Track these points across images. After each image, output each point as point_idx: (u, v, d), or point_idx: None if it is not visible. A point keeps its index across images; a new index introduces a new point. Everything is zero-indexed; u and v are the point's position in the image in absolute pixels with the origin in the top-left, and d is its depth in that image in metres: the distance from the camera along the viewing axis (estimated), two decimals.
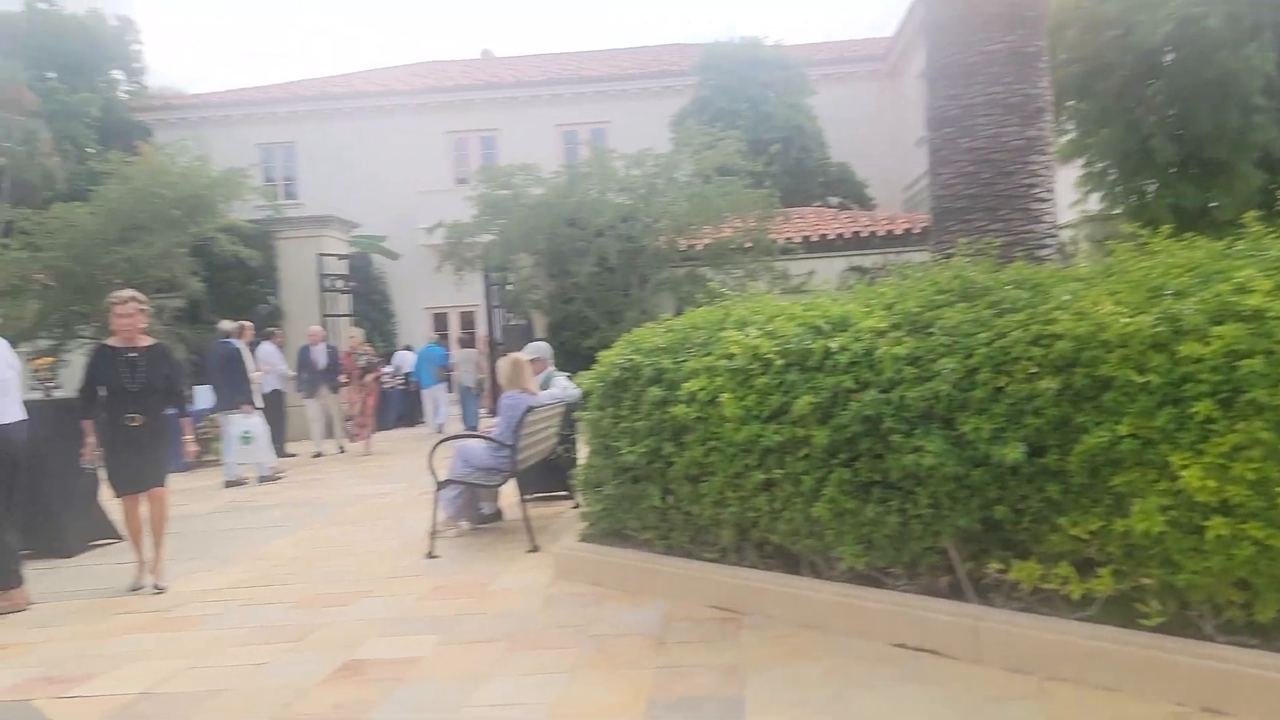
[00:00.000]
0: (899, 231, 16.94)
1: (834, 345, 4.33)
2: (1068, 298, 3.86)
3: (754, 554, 4.85)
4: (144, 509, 6.32)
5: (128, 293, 6.44)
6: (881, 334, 4.24)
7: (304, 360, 14.39)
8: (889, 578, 4.31)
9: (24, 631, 5.52)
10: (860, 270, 15.21)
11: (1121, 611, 3.60)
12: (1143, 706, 3.34)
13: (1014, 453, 3.63)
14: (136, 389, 6.18)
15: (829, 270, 14.78)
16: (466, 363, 17.93)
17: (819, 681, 3.80)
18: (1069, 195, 9.25)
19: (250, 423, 11.63)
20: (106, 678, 4.53)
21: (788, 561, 4.72)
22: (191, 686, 4.31)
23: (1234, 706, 3.23)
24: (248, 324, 13.40)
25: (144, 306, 6.43)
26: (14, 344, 6.99)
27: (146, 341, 6.45)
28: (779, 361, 4.51)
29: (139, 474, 6.24)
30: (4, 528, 6.00)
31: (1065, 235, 7.52)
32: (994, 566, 3.91)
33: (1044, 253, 6.17)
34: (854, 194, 22.19)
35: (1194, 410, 3.31)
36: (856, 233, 17.24)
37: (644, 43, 31.64)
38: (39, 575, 6.58)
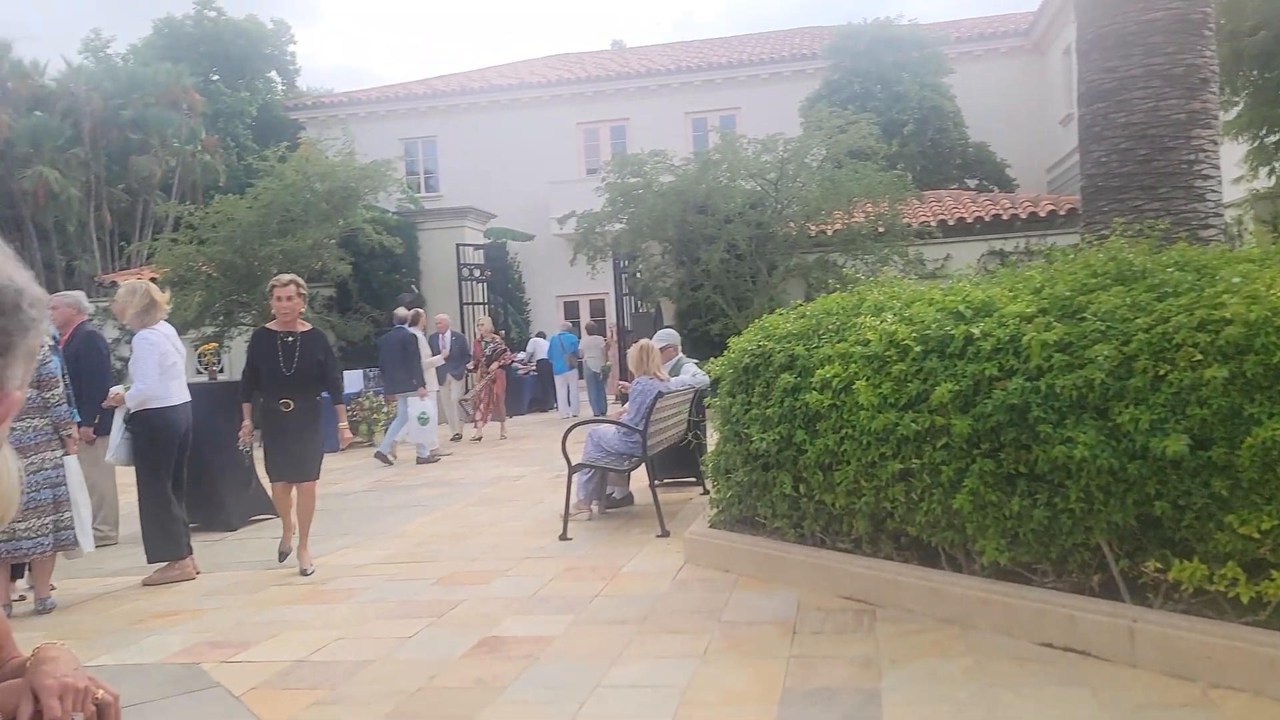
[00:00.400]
0: (1042, 214, 16.29)
1: (976, 331, 4.18)
2: (1238, 280, 3.64)
3: (889, 545, 4.74)
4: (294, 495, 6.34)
5: (288, 276, 6.42)
6: (1028, 319, 4.07)
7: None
8: (1035, 574, 4.13)
9: (192, 599, 5.83)
10: (1001, 254, 14.72)
11: None
12: None
13: (1176, 445, 3.43)
14: (291, 373, 6.15)
15: (967, 255, 14.37)
16: (594, 349, 18.11)
17: (960, 679, 3.68)
18: (1235, 172, 8.67)
19: (426, 405, 12.22)
20: (265, 645, 4.74)
21: (925, 554, 4.59)
22: (342, 656, 4.48)
23: None
24: (421, 311, 13.97)
25: (303, 291, 6.38)
26: (180, 331, 7.32)
27: (304, 327, 6.39)
28: (917, 348, 4.39)
29: (293, 463, 6.22)
30: (173, 502, 6.35)
31: (1231, 215, 7.07)
32: (1152, 566, 3.69)
33: (1208, 233, 5.82)
34: (994, 175, 21.46)
35: None
36: (997, 215, 16.65)
37: (773, 28, 31.24)
38: (204, 547, 6.92)
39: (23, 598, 5.78)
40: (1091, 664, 3.70)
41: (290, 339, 6.21)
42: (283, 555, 6.39)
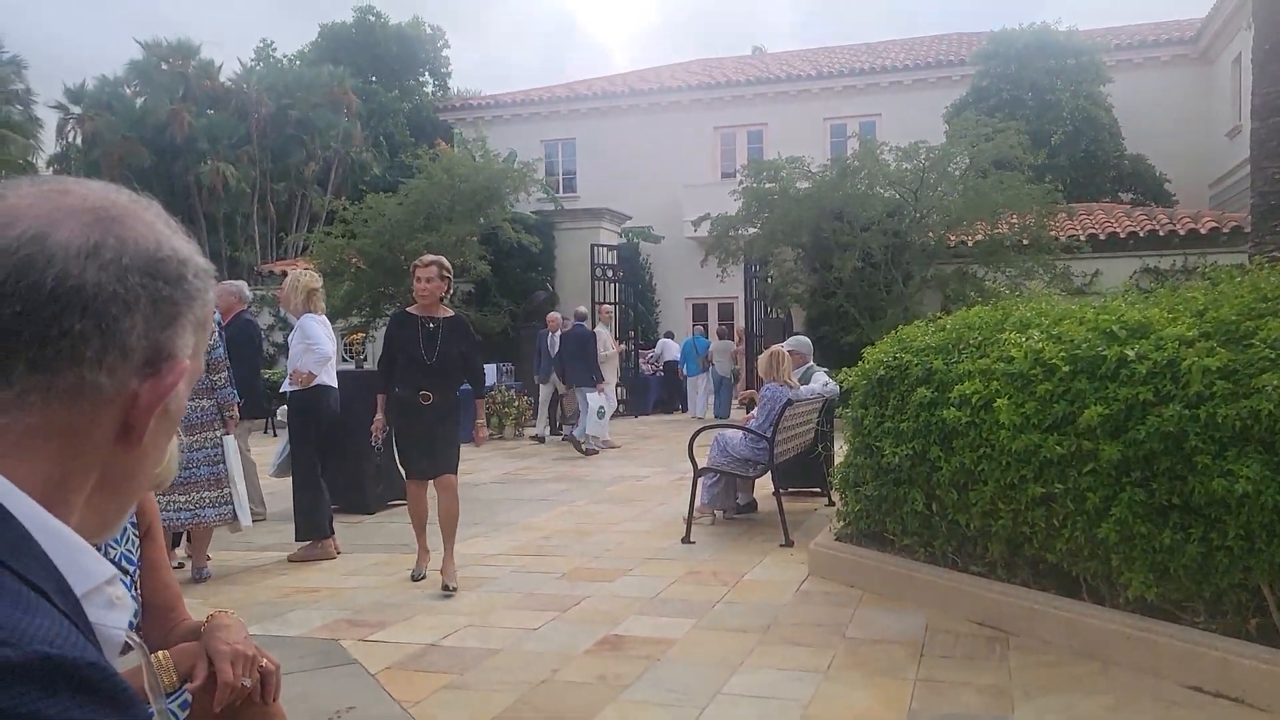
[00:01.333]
0: (1204, 231, 15.55)
1: (1131, 353, 4.02)
2: None
3: (1026, 571, 4.59)
4: (433, 498, 5.78)
5: (431, 256, 5.92)
6: (1189, 343, 3.88)
7: (540, 347, 15.03)
8: (1184, 613, 3.93)
9: (333, 577, 6.05)
10: (1156, 272, 14.06)
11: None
12: None
13: None
14: (432, 362, 5.57)
15: (1118, 272, 13.77)
16: (722, 353, 18.16)
17: (1100, 716, 3.53)
18: None
19: (604, 400, 12.77)
20: (399, 626, 4.88)
21: (1064, 583, 4.42)
22: (470, 643, 4.58)
23: None
24: (604, 308, 14.61)
25: (447, 274, 5.73)
26: (330, 320, 7.61)
27: (447, 313, 5.83)
28: (1065, 368, 4.25)
29: (429, 458, 5.68)
30: (319, 484, 6.63)
31: None
32: None
33: None
34: (1150, 189, 20.54)
35: None
36: (1153, 231, 15.98)
37: (918, 34, 30.60)
38: (344, 529, 7.14)
39: (181, 565, 6.09)
40: (1246, 712, 3.49)
41: (432, 325, 5.64)
42: (416, 578, 5.74)
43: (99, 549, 1.95)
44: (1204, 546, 3.70)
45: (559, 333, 14.75)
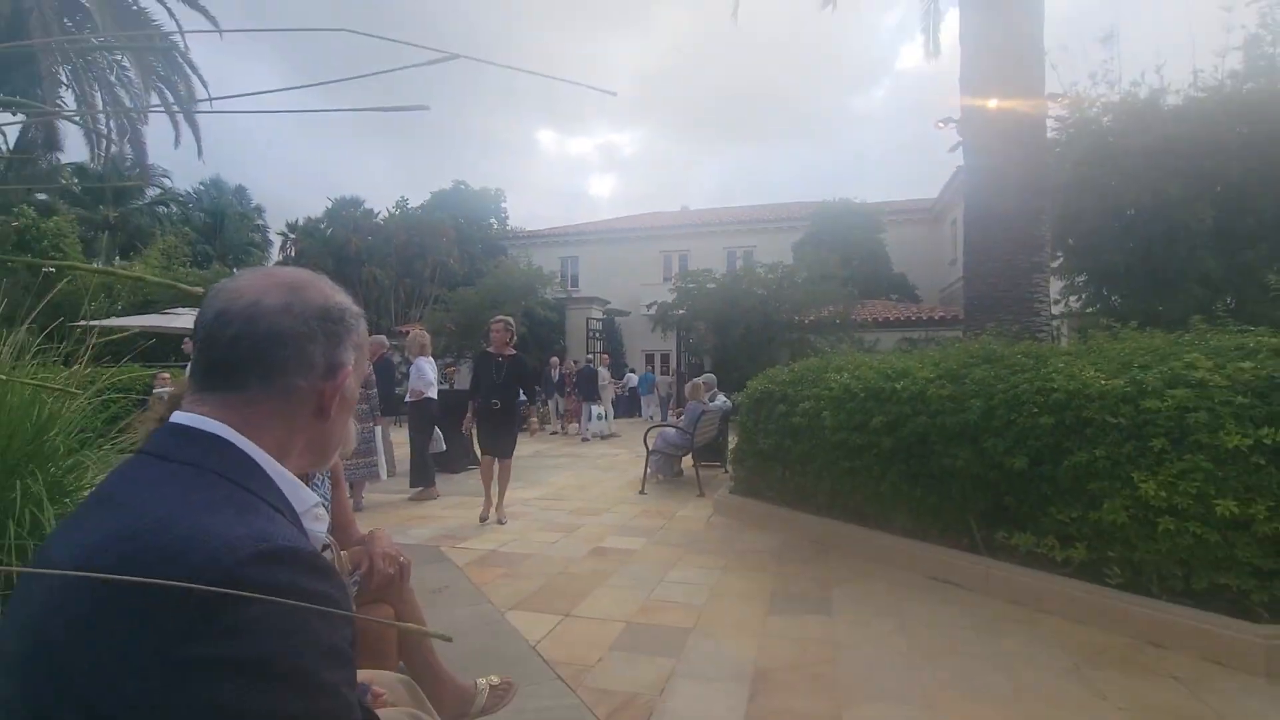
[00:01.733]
0: (937, 317, 15.84)
1: (898, 386, 4.09)
2: (1061, 365, 3.51)
3: (840, 511, 4.60)
4: (496, 469, 5.53)
5: (502, 316, 5.73)
6: (930, 381, 3.97)
7: (545, 377, 15.02)
8: (928, 535, 3.98)
9: (436, 509, 5.91)
10: (910, 340, 14.31)
11: (1091, 573, 3.19)
12: (1106, 637, 2.93)
13: (1019, 463, 3.32)
14: (500, 381, 5.35)
15: (890, 340, 13.97)
16: (664, 384, 18.22)
17: (881, 594, 3.56)
18: (1057, 299, 8.35)
19: (601, 409, 13.40)
20: (474, 539, 4.83)
21: (861, 518, 4.44)
22: (516, 550, 4.53)
23: (1172, 644, 2.80)
24: (604, 355, 14.84)
25: (510, 327, 5.53)
26: (434, 359, 7.53)
27: (510, 352, 5.51)
28: (862, 394, 4.31)
29: (497, 444, 5.44)
30: (428, 454, 6.53)
31: (1055, 326, 6.80)
32: (1001, 535, 3.56)
33: (1041, 335, 5.58)
34: (907, 293, 20.93)
35: (1153, 444, 2.91)
36: (908, 317, 16.25)
37: (778, 200, 31.12)
38: (441, 481, 7.00)
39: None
40: (962, 592, 3.55)
41: (500, 359, 5.41)
42: (483, 519, 5.42)
43: (311, 489, 1.95)
44: (939, 498, 3.76)
45: (559, 369, 15.07)
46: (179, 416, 0.70)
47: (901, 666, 2.69)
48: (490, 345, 5.52)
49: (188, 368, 0.93)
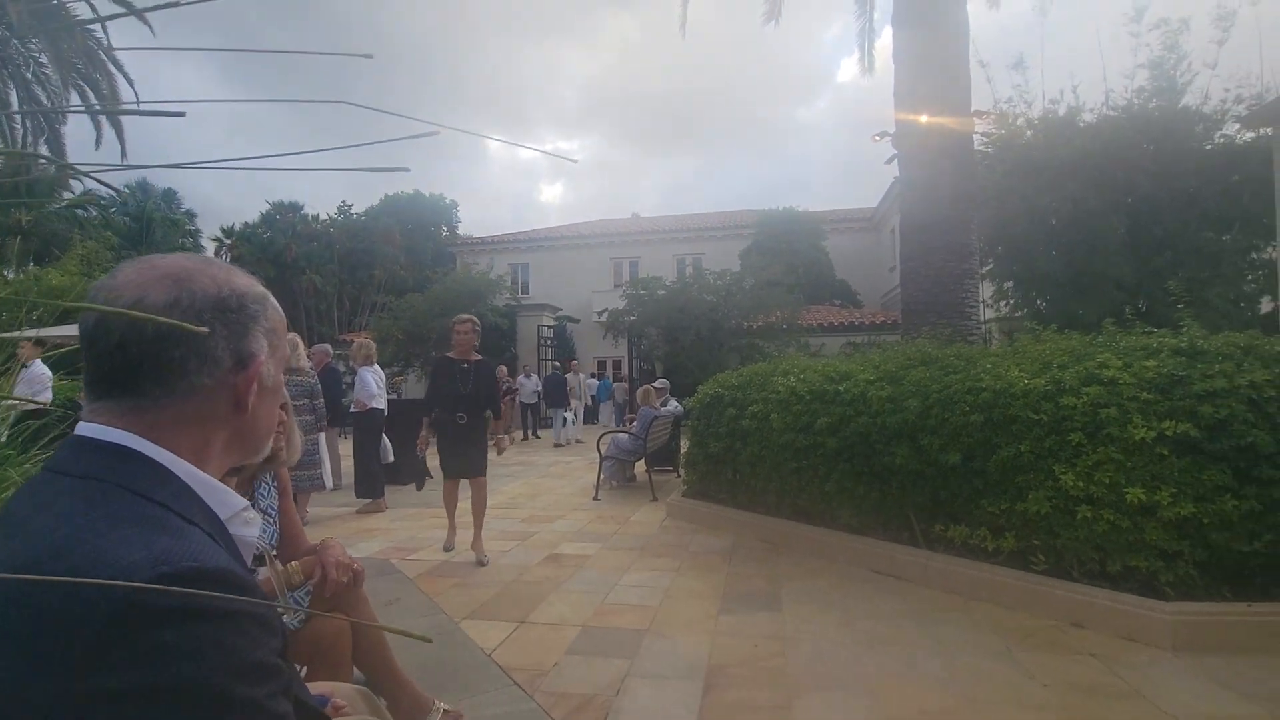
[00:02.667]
0: (878, 322, 16.45)
1: (841, 389, 4.25)
2: (989, 366, 3.72)
3: (788, 510, 4.72)
4: (465, 494, 4.76)
5: (467, 315, 4.80)
6: (871, 383, 4.13)
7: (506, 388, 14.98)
8: (871, 531, 4.13)
9: (384, 522, 5.80)
10: (853, 344, 14.80)
11: (1019, 560, 3.39)
12: (1033, 620, 3.13)
13: (954, 458, 3.50)
14: (467, 392, 4.54)
15: (834, 344, 14.40)
16: (619, 391, 18.24)
17: (828, 589, 3.68)
18: (988, 303, 8.84)
19: (570, 414, 13.56)
20: (425, 551, 4.75)
21: (808, 517, 4.57)
22: (469, 559, 4.47)
23: (1091, 623, 3.01)
24: (573, 361, 16.17)
25: (477, 329, 4.69)
26: (381, 368, 7.36)
27: (477, 357, 4.69)
28: (807, 396, 4.44)
29: (467, 464, 4.60)
30: (375, 465, 6.36)
31: (985, 329, 7.17)
32: (939, 528, 3.74)
33: (972, 339, 5.89)
34: (850, 299, 21.64)
35: (1070, 438, 3.13)
36: (851, 322, 16.82)
37: (725, 208, 31.67)
38: (389, 493, 6.81)
39: None
40: (902, 584, 3.71)
41: (465, 365, 4.57)
42: (446, 549, 4.71)
43: (254, 501, 1.90)
44: (881, 494, 3.92)
45: (522, 377, 15.09)
46: (82, 428, 0.65)
47: (847, 657, 2.80)
48: (453, 350, 4.63)
49: None
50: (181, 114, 0.62)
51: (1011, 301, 9.08)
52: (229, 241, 31.97)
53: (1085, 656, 2.75)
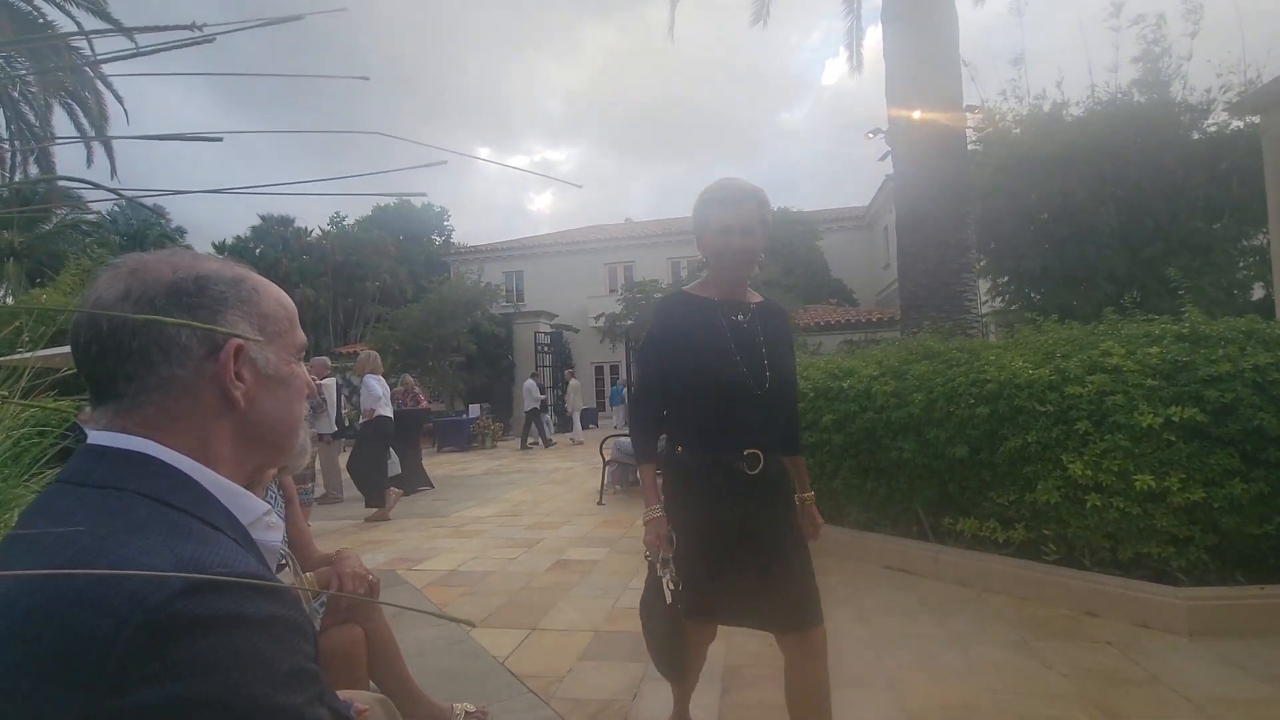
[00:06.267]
0: (875, 320, 16.46)
1: (845, 385, 4.24)
2: (993, 358, 3.71)
3: None
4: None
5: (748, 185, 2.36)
6: (875, 378, 4.12)
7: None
8: (880, 526, 4.13)
9: (388, 533, 5.74)
10: (851, 342, 14.85)
11: (1030, 551, 3.38)
12: (1047, 610, 3.12)
13: (960, 452, 3.48)
14: (762, 392, 1.82)
15: (832, 342, 14.42)
16: (617, 394, 18.32)
17: (838, 586, 3.66)
18: (985, 298, 8.86)
19: (546, 418, 14.32)
20: (432, 560, 4.69)
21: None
22: (476, 569, 4.43)
23: (1104, 611, 3.00)
24: (536, 371, 16.36)
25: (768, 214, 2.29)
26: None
27: (756, 298, 1.90)
28: (811, 394, 4.43)
29: (765, 588, 2.02)
30: (380, 474, 6.31)
31: (983, 323, 7.18)
32: (948, 521, 3.73)
33: (972, 332, 5.89)
34: (845, 297, 21.74)
35: (1077, 427, 3.12)
36: (849, 320, 16.82)
37: None
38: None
39: None
40: (914, 578, 3.70)
41: (742, 317, 1.81)
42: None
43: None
44: (889, 490, 3.90)
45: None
46: (95, 436, 0.63)
47: (863, 652, 2.78)
48: (711, 282, 1.82)
49: None
50: (219, 138, 0.63)
51: (1006, 296, 9.10)
52: (221, 257, 32.08)
53: (1102, 644, 2.74)
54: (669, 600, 1.68)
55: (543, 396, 14.96)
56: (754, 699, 2.42)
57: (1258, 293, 8.04)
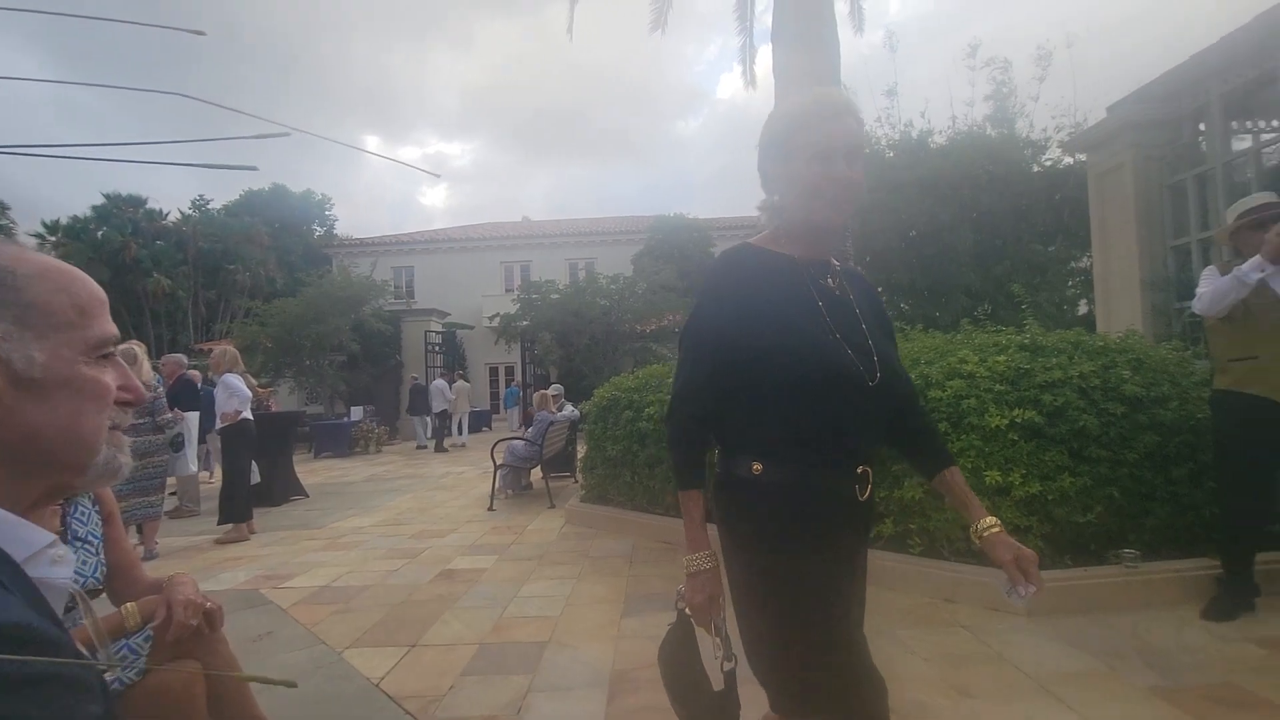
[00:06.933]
0: None
1: None
2: None
3: None
4: None
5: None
6: None
7: (413, 392, 14.29)
8: None
9: (252, 548, 5.28)
10: None
11: (898, 544, 3.62)
12: (910, 599, 3.35)
13: None
14: (876, 382, 1.37)
15: None
16: (512, 396, 17.85)
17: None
18: None
19: (428, 422, 14.03)
20: (301, 576, 4.34)
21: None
22: (351, 583, 4.14)
23: (961, 598, 3.27)
24: (445, 371, 16.28)
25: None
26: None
27: (837, 263, 1.50)
28: None
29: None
30: (245, 486, 5.74)
31: None
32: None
33: None
34: None
35: (938, 428, 3.39)
36: None
37: (616, 214, 31.97)
38: (259, 515, 6.26)
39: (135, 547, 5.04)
40: (882, 590, 3.84)
41: (832, 281, 1.26)
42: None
43: (66, 527, 1.59)
44: None
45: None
46: None
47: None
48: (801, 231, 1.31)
49: None
50: (203, 33, 0.55)
51: None
52: (53, 238, 27.79)
53: (957, 628, 2.98)
54: (724, 671, 1.23)
55: (453, 397, 14.35)
56: (639, 703, 2.41)
57: (1083, 309, 9.24)
